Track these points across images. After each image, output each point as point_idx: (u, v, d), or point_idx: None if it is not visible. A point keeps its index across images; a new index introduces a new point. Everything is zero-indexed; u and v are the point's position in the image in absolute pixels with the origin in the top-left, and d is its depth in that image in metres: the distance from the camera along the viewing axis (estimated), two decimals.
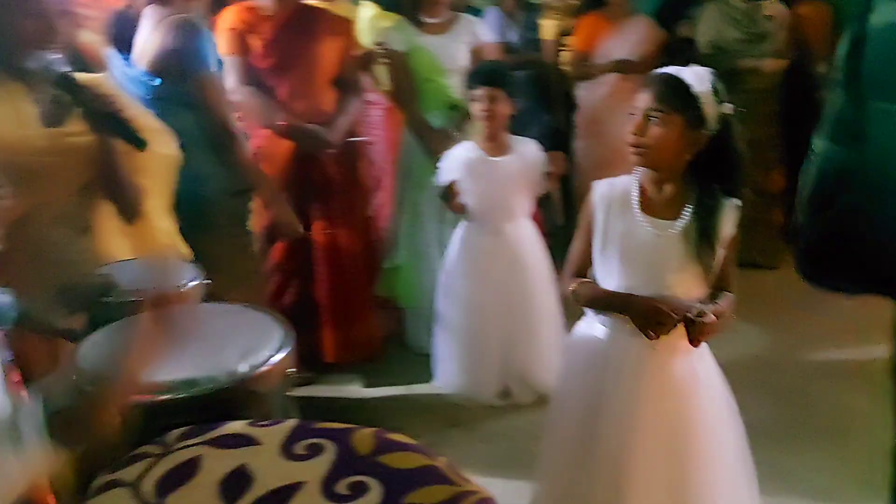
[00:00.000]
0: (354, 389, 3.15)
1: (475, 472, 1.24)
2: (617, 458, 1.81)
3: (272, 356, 1.47)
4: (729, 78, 3.86)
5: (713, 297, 1.81)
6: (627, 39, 4.07)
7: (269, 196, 2.76)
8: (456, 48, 3.25)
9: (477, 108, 2.85)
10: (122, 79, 2.49)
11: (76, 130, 1.75)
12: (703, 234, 1.74)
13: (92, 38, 2.97)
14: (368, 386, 3.16)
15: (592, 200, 1.86)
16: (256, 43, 2.90)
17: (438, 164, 3.07)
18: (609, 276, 1.84)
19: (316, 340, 3.06)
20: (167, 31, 2.38)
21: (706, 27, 4.16)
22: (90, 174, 1.77)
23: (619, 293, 1.80)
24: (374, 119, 3.63)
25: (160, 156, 1.82)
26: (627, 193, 1.82)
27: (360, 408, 3.02)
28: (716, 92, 1.72)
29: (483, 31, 3.35)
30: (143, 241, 1.94)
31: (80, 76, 1.82)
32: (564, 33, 4.37)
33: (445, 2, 3.25)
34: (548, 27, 4.50)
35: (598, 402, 1.84)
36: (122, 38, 3.46)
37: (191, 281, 1.78)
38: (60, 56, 1.70)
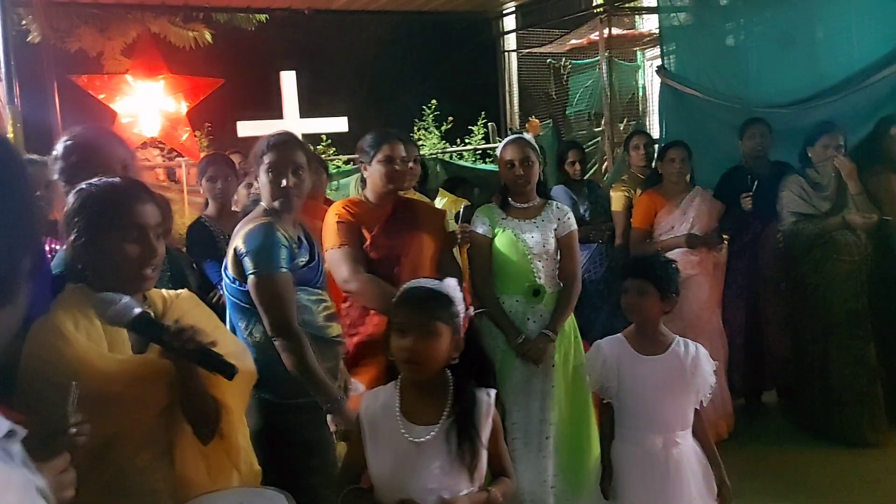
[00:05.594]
0: None
1: None
2: None
3: None
4: (821, 249, 3.83)
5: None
6: (687, 214, 4.05)
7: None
8: (541, 233, 3.19)
9: (625, 301, 2.51)
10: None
11: (158, 356, 1.67)
12: (463, 432, 1.72)
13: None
14: None
15: (359, 414, 1.82)
16: (366, 234, 2.92)
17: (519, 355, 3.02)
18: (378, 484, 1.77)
19: None
20: (239, 235, 2.37)
21: (789, 199, 4.04)
22: (172, 397, 1.70)
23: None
24: None
25: (240, 374, 1.70)
26: (390, 402, 1.78)
27: None
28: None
29: (571, 220, 3.28)
30: (219, 463, 1.80)
31: (168, 295, 1.79)
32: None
33: (531, 188, 3.23)
34: (617, 199, 4.47)
35: None
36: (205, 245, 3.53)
37: None
38: (135, 297, 1.65)
